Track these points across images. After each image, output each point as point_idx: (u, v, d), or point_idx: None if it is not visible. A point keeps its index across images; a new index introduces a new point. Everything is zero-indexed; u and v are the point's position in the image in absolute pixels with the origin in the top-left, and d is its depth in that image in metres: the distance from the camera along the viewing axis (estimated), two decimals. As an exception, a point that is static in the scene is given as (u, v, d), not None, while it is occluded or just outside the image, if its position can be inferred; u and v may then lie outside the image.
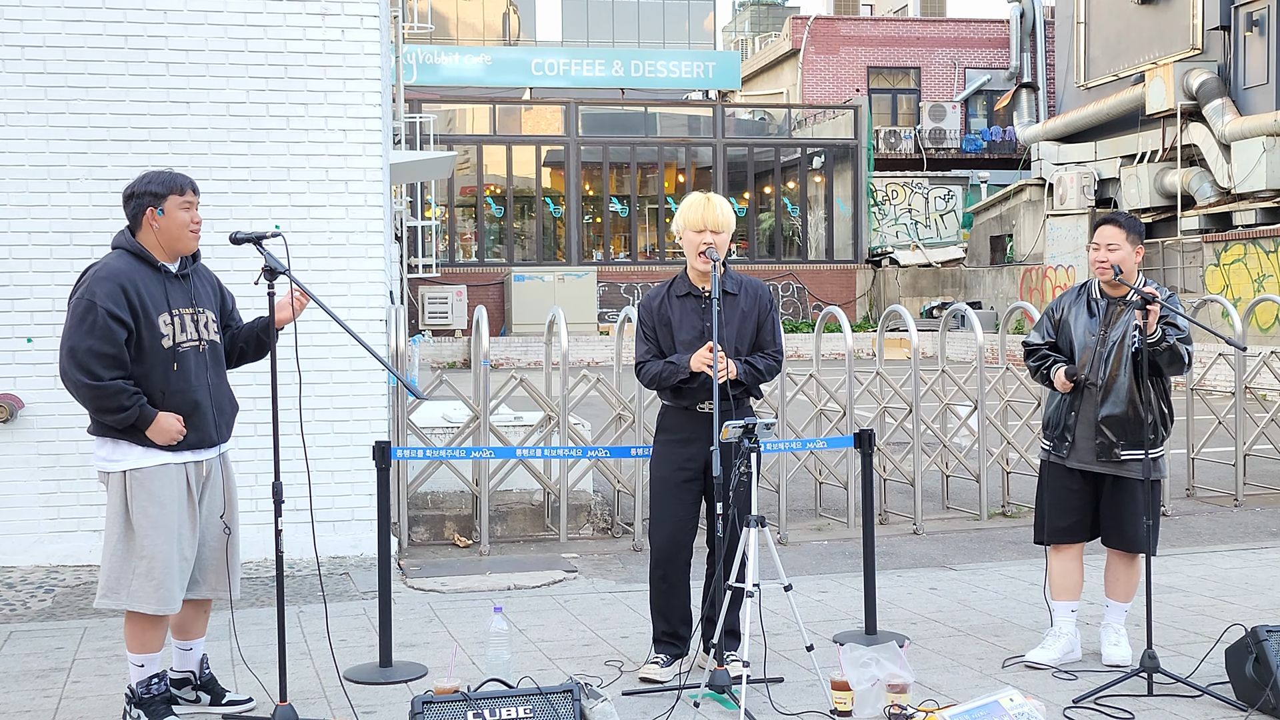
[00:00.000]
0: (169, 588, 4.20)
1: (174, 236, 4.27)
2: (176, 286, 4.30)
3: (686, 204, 4.94)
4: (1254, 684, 4.43)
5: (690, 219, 4.88)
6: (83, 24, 6.82)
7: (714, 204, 4.90)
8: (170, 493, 4.22)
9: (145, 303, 4.17)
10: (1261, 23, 22.03)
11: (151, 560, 4.18)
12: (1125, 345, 4.90)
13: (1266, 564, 7.02)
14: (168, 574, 4.19)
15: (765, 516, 4.62)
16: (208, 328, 4.35)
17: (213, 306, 4.41)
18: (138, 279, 4.19)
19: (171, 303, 4.25)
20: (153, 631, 4.27)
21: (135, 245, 4.26)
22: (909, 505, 8.34)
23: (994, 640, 5.45)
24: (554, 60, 32.93)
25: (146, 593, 4.18)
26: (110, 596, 4.23)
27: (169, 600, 4.20)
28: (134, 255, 4.24)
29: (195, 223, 4.32)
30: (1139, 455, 4.86)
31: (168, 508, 4.21)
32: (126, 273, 4.18)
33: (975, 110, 33.98)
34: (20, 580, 6.61)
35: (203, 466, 4.35)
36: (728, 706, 4.50)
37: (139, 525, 4.19)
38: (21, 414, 6.79)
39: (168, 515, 4.21)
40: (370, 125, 7.15)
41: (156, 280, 4.24)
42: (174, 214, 4.25)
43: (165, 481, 4.22)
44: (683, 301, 4.95)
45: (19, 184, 6.79)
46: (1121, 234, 4.93)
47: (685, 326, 4.89)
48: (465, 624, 5.81)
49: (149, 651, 4.29)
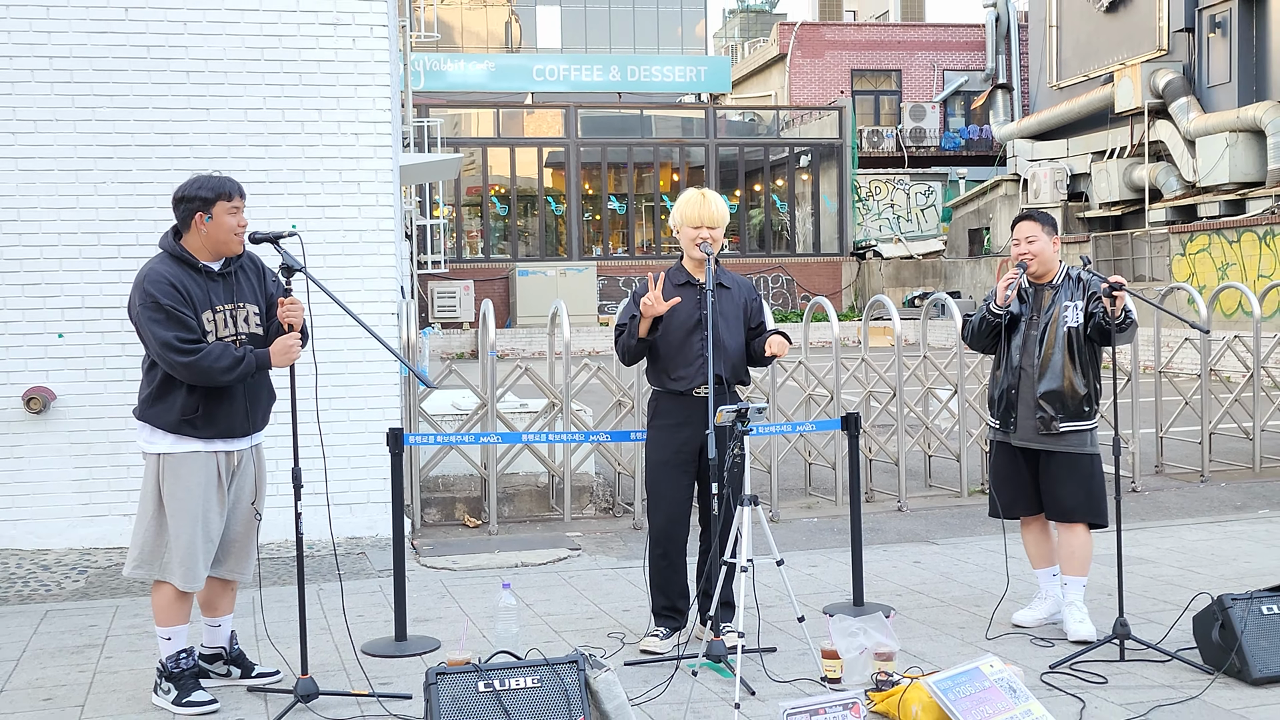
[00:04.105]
0: (193, 566, 4.23)
1: (220, 240, 4.29)
2: (218, 285, 4.31)
3: (684, 200, 4.96)
4: (1220, 649, 4.44)
5: (688, 215, 4.90)
6: (107, 35, 6.80)
7: (710, 201, 4.92)
8: (197, 479, 4.24)
9: (192, 300, 4.21)
10: (1224, 24, 22.00)
11: (177, 539, 4.22)
12: (1057, 325, 4.97)
13: (1231, 536, 7.03)
14: (191, 554, 4.22)
15: (758, 495, 4.62)
16: (248, 322, 4.35)
17: (256, 300, 4.41)
18: (183, 278, 4.23)
19: (213, 300, 4.27)
20: (177, 605, 4.29)
21: (177, 249, 4.28)
22: (893, 484, 8.35)
23: (974, 610, 5.46)
24: (554, 66, 32.90)
25: (174, 567, 4.22)
26: (143, 567, 4.28)
27: (194, 577, 4.23)
28: (175, 259, 4.27)
29: (241, 226, 4.32)
30: (1076, 427, 4.95)
31: (194, 493, 4.23)
32: (173, 274, 4.22)
33: (953, 110, 33.93)
34: (55, 562, 6.62)
35: (234, 456, 4.36)
36: (724, 675, 4.51)
37: (167, 505, 4.24)
38: (54, 405, 6.79)
39: (193, 500, 4.23)
40: (380, 129, 7.14)
41: (198, 280, 4.26)
42: (221, 219, 4.27)
43: (194, 468, 4.23)
44: (680, 290, 4.96)
45: (49, 187, 6.78)
46: (1038, 227, 5.06)
47: (681, 312, 4.90)
48: (475, 599, 5.82)
49: (175, 624, 4.30)
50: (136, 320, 4.22)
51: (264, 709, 4.30)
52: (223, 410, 4.26)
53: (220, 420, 4.26)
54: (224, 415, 4.27)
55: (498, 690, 3.75)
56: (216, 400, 4.25)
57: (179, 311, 4.16)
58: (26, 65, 6.73)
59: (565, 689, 3.78)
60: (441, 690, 3.72)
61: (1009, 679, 4.03)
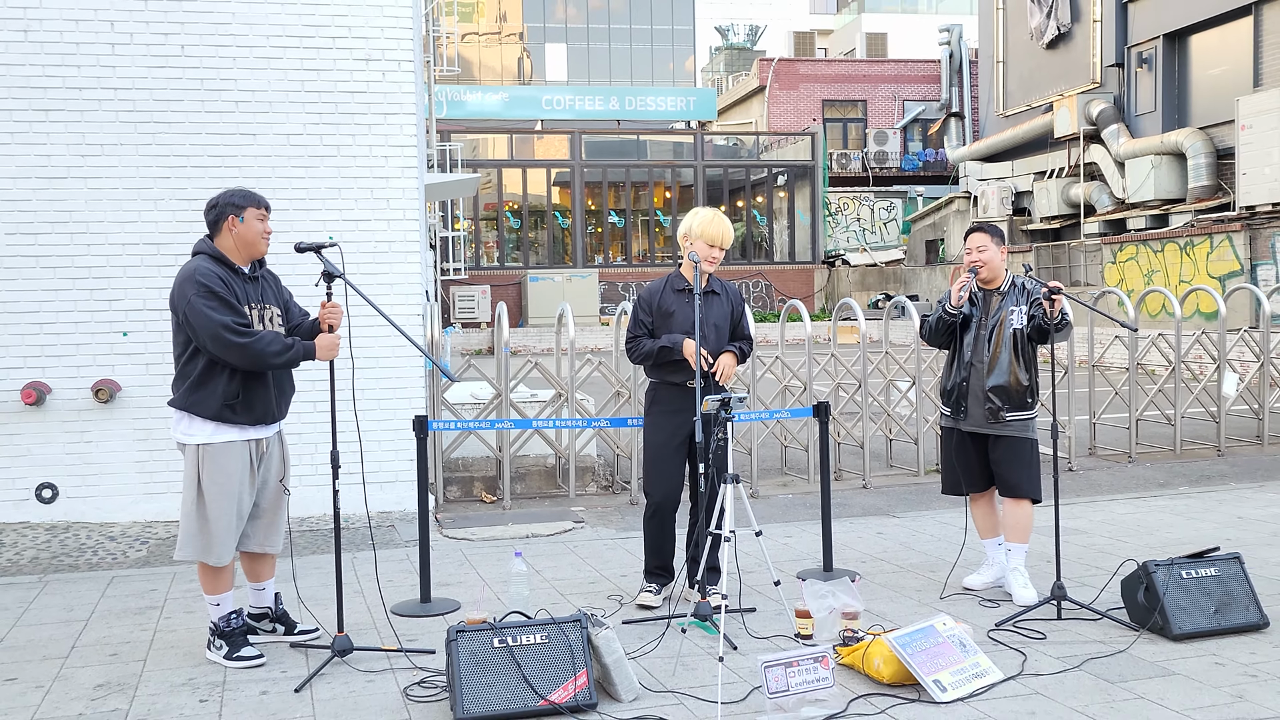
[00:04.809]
0: (225, 542, 4.21)
1: (249, 242, 4.27)
2: (250, 286, 4.30)
3: (705, 219, 4.90)
4: (1144, 609, 4.45)
5: (709, 233, 4.86)
6: (165, 69, 6.78)
7: (725, 222, 4.93)
8: (235, 465, 4.21)
9: (234, 293, 4.18)
10: (1150, 60, 22.00)
11: (214, 520, 4.19)
12: (1004, 326, 4.96)
13: (1155, 510, 7.04)
14: (226, 531, 4.20)
15: (740, 474, 4.63)
16: (273, 321, 4.34)
17: (277, 303, 4.41)
18: (224, 275, 4.20)
19: (248, 298, 4.25)
20: (219, 577, 4.29)
21: (214, 250, 4.26)
22: (859, 464, 8.35)
23: (930, 575, 5.47)
24: (561, 97, 32.83)
25: (208, 546, 4.20)
26: (187, 549, 4.25)
27: (226, 552, 4.22)
28: (214, 258, 4.24)
29: (267, 232, 4.33)
30: (1020, 416, 4.96)
31: (232, 478, 4.21)
32: (214, 270, 4.18)
33: (912, 135, 33.90)
34: (120, 534, 6.61)
35: (263, 443, 4.33)
36: (709, 632, 4.51)
37: (207, 491, 4.19)
38: (120, 396, 6.78)
39: (231, 483, 4.20)
40: (407, 152, 7.12)
41: (234, 279, 4.24)
42: (251, 223, 4.26)
43: (232, 455, 4.21)
44: (679, 295, 4.97)
45: (114, 204, 6.77)
46: (989, 238, 5.04)
47: (680, 315, 4.92)
48: (491, 566, 5.82)
49: (220, 592, 4.30)
50: (186, 310, 4.10)
51: (304, 662, 4.30)
52: (259, 398, 4.24)
53: (257, 407, 4.23)
54: (260, 402, 4.24)
55: (511, 646, 3.75)
56: (253, 388, 4.22)
57: (230, 300, 4.13)
58: (95, 96, 6.71)
59: (570, 645, 3.79)
60: (461, 646, 3.73)
61: (959, 635, 4.03)
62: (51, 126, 6.66)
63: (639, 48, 41.71)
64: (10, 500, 6.69)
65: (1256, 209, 17.80)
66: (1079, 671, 4.03)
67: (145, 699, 3.95)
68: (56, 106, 6.65)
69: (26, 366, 6.69)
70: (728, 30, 45.05)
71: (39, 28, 6.63)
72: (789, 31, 45.43)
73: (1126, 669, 4.06)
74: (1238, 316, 15.33)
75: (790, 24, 48.09)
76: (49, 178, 6.67)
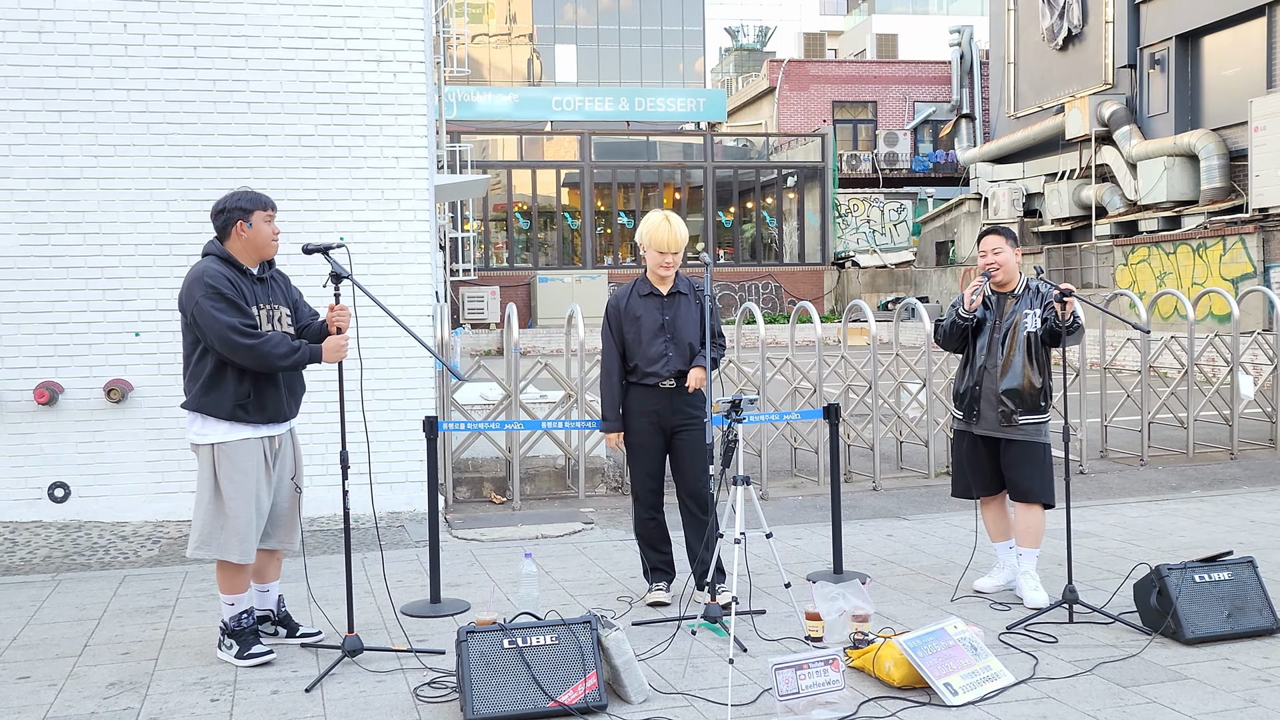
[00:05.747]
0: (248, 540, 4.21)
1: (258, 245, 4.29)
2: (258, 287, 4.30)
3: (652, 226, 4.92)
4: (1157, 612, 4.43)
5: (656, 240, 4.89)
6: (178, 71, 6.81)
7: (674, 227, 4.90)
8: (250, 462, 4.22)
9: (243, 295, 4.19)
10: (1162, 61, 21.92)
11: (235, 518, 4.19)
12: (1018, 329, 4.94)
13: (1167, 513, 7.01)
14: (248, 529, 4.20)
15: (750, 476, 4.62)
16: (281, 321, 4.35)
17: (286, 304, 4.42)
18: (233, 277, 4.21)
19: (256, 299, 4.26)
20: (239, 576, 4.29)
21: (224, 252, 4.27)
22: (869, 466, 8.34)
23: (940, 578, 5.46)
24: (571, 98, 32.86)
25: (231, 545, 4.19)
26: (202, 549, 4.23)
27: (248, 551, 4.22)
28: (223, 260, 4.25)
29: (275, 233, 4.34)
30: (1033, 420, 4.94)
31: (249, 475, 4.21)
32: (223, 272, 4.19)
33: (923, 137, 33.84)
34: (132, 533, 6.63)
35: (275, 440, 4.35)
36: (719, 634, 4.51)
37: (225, 489, 4.19)
38: (132, 396, 6.80)
39: (249, 481, 4.21)
40: (418, 153, 7.14)
41: (243, 281, 4.25)
42: (259, 226, 4.27)
43: (247, 453, 4.22)
44: (645, 300, 5.00)
45: (127, 205, 6.80)
46: (1004, 240, 5.02)
47: (648, 320, 4.97)
48: (501, 567, 5.82)
49: (238, 592, 4.31)
50: (195, 311, 4.11)
51: (315, 662, 4.31)
52: (270, 397, 4.25)
53: (269, 405, 4.24)
54: (272, 401, 4.25)
55: (520, 647, 3.75)
56: (264, 387, 4.23)
57: (238, 301, 4.14)
58: (108, 97, 6.74)
59: (580, 646, 3.78)
60: (471, 647, 3.73)
61: (970, 638, 4.02)
62: (65, 127, 6.69)
63: (649, 49, 41.74)
64: (23, 499, 6.72)
65: (1269, 211, 17.72)
66: (1091, 675, 4.02)
67: (157, 698, 3.96)
68: (70, 107, 6.69)
69: (39, 366, 6.72)
70: (737, 31, 45.08)
71: (53, 29, 6.66)
72: (799, 32, 45.46)
73: (1139, 673, 4.04)
74: (1251, 319, 15.26)
75: (800, 25, 48.11)
76: (62, 178, 6.71)
